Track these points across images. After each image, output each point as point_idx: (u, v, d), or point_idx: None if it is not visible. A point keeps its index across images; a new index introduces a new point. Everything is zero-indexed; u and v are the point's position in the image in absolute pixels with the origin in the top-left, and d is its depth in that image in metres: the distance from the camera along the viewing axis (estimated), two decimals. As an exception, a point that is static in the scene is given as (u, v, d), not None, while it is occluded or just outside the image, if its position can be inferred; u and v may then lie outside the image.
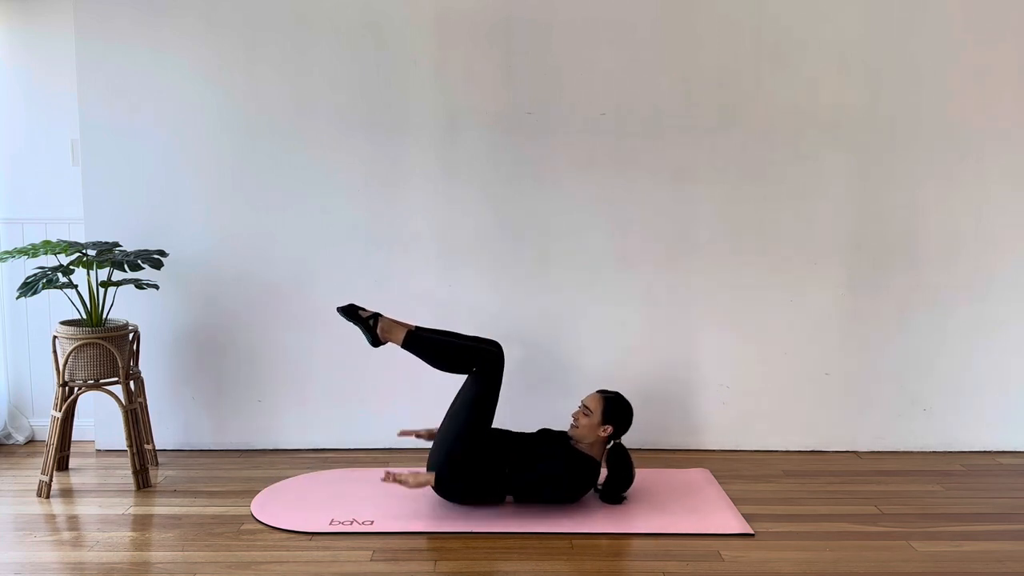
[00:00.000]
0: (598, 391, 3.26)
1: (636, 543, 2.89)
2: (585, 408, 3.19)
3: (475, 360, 3.18)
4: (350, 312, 3.21)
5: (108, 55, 3.63)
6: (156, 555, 2.79)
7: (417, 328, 3.27)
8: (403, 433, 3.36)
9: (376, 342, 3.21)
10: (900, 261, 3.75)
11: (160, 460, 3.66)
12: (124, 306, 3.61)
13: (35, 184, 3.82)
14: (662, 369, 3.80)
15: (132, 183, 3.69)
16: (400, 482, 3.04)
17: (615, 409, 3.17)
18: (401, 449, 3.80)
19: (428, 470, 3.17)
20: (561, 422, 3.35)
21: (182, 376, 3.80)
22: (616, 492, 3.18)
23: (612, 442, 3.21)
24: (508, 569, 2.71)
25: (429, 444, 3.29)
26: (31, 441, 3.91)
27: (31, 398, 3.95)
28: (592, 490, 3.19)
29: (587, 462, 3.13)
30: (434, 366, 3.22)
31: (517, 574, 2.67)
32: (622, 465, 3.17)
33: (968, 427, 3.83)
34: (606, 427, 3.14)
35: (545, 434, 3.29)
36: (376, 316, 3.21)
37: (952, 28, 3.66)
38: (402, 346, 3.20)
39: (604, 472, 3.21)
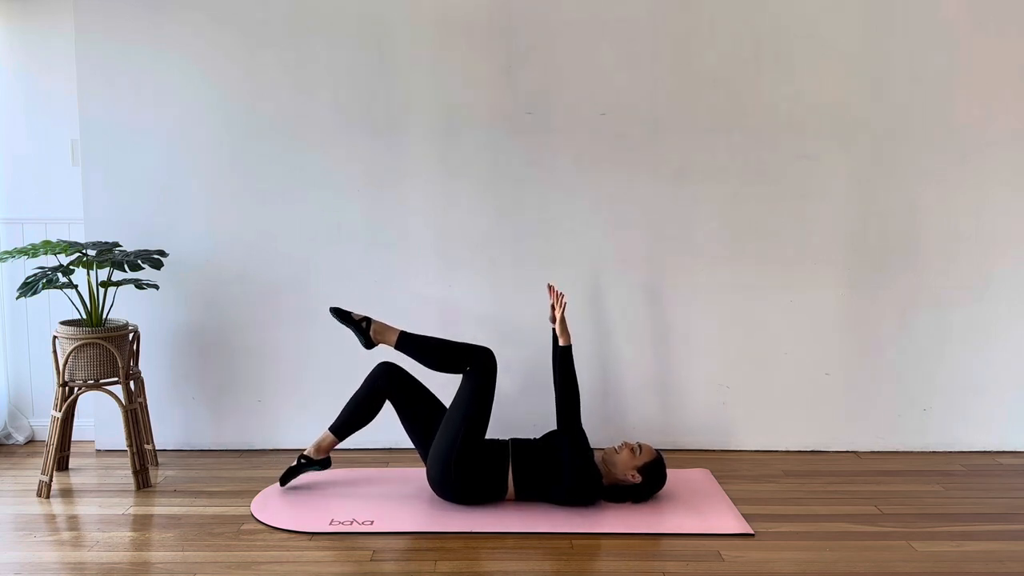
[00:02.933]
0: (658, 450, 3.24)
1: (636, 543, 2.89)
2: (639, 447, 3.19)
3: (469, 359, 3.18)
4: (342, 315, 3.23)
5: (108, 55, 3.63)
6: (156, 555, 2.79)
7: (406, 332, 3.28)
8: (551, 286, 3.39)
9: (369, 344, 3.22)
10: (900, 261, 3.75)
11: (160, 460, 3.66)
12: (124, 306, 3.61)
13: (35, 184, 3.82)
14: (662, 369, 3.80)
15: (132, 183, 3.69)
16: (564, 303, 3.30)
17: (656, 471, 3.17)
18: (401, 449, 3.80)
19: (427, 471, 3.18)
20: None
21: (182, 376, 3.80)
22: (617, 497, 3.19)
23: (627, 500, 3.20)
24: (508, 569, 2.71)
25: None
26: (31, 441, 3.91)
27: (31, 398, 3.95)
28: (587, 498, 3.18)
29: (595, 475, 3.13)
30: (428, 366, 3.23)
31: (517, 574, 2.67)
32: (622, 493, 3.18)
33: (968, 427, 3.83)
34: (636, 475, 3.14)
35: (575, 425, 3.27)
36: (368, 319, 3.22)
37: (952, 28, 3.66)
38: (395, 347, 3.21)
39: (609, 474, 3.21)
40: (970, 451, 3.83)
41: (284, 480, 3.30)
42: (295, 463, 3.31)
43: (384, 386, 3.27)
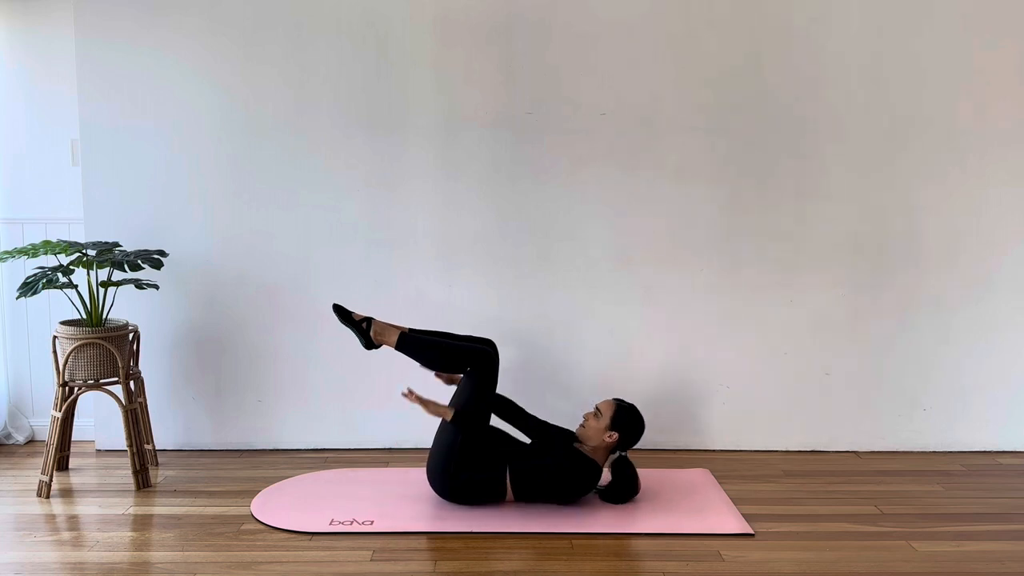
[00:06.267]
0: (614, 398, 3.26)
1: (636, 543, 2.89)
2: (597, 411, 3.20)
3: (469, 360, 3.18)
4: (344, 315, 3.22)
5: (108, 55, 3.63)
6: (156, 555, 2.79)
7: (410, 330, 3.28)
8: (407, 394, 3.21)
9: (369, 345, 3.22)
10: (900, 261, 3.75)
11: (160, 460, 3.66)
12: (124, 306, 3.61)
13: (35, 184, 3.82)
14: (662, 369, 3.80)
15: (132, 183, 3.69)
16: (421, 403, 3.11)
17: (625, 418, 3.18)
18: (401, 449, 3.81)
19: (427, 471, 3.18)
20: (560, 422, 3.36)
21: (182, 376, 3.80)
22: (617, 498, 3.18)
23: (617, 453, 3.21)
24: (508, 569, 2.71)
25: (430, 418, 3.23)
26: (31, 441, 3.91)
27: (31, 398, 3.95)
28: (592, 492, 3.19)
29: (587, 463, 3.12)
30: (428, 367, 3.23)
31: (517, 574, 2.67)
32: (625, 478, 3.18)
33: (968, 427, 3.83)
34: (612, 433, 3.14)
35: (547, 429, 3.29)
36: (369, 320, 3.22)
37: (952, 28, 3.66)
38: (396, 348, 3.21)
39: (606, 475, 3.21)
40: (970, 451, 3.83)
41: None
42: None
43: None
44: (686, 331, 3.78)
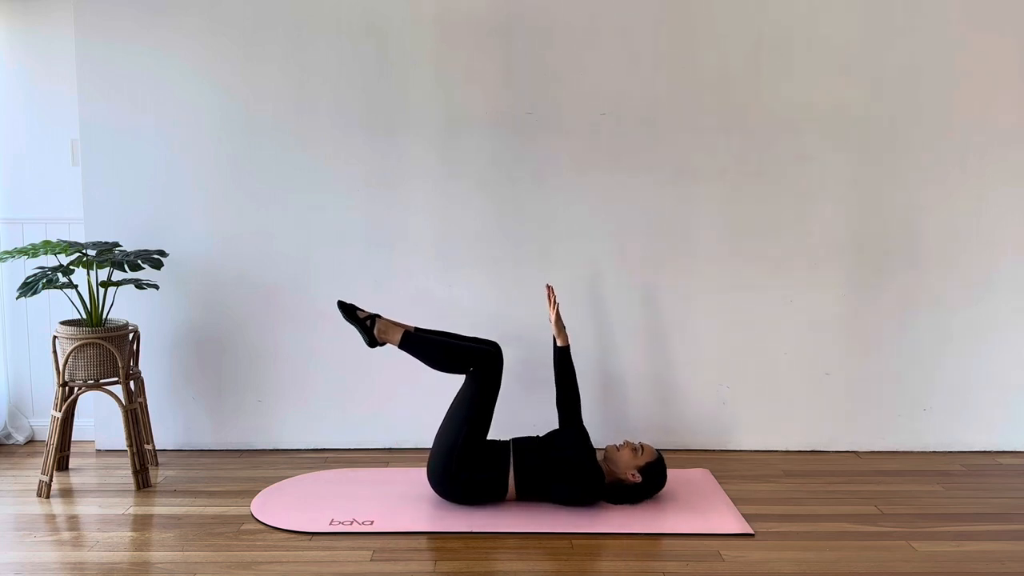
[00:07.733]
0: (659, 451, 3.24)
1: (636, 543, 2.89)
2: (640, 448, 3.19)
3: (472, 361, 3.18)
4: (349, 311, 3.21)
5: (108, 55, 3.63)
6: (156, 555, 2.79)
7: (416, 329, 3.28)
8: (550, 289, 3.44)
9: (373, 343, 3.21)
10: (900, 261, 3.75)
11: (160, 460, 3.66)
12: (124, 306, 3.61)
13: (35, 184, 3.83)
14: (662, 369, 3.80)
15: (132, 183, 3.69)
16: (557, 309, 3.33)
17: (657, 470, 3.17)
18: (401, 449, 3.81)
19: (428, 471, 3.18)
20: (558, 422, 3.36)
21: (182, 376, 3.80)
22: (620, 498, 3.19)
23: (627, 487, 3.19)
24: (508, 569, 2.71)
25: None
26: (31, 441, 3.92)
27: (31, 398, 3.95)
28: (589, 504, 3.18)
29: (599, 474, 3.12)
30: (431, 367, 3.22)
31: (517, 574, 2.67)
32: (622, 493, 3.18)
33: (968, 427, 3.83)
34: (637, 475, 3.14)
35: (578, 427, 3.26)
36: (374, 317, 3.21)
37: (952, 28, 3.66)
38: (399, 347, 3.20)
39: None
40: (970, 451, 3.83)
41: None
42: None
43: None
44: (686, 331, 3.78)
